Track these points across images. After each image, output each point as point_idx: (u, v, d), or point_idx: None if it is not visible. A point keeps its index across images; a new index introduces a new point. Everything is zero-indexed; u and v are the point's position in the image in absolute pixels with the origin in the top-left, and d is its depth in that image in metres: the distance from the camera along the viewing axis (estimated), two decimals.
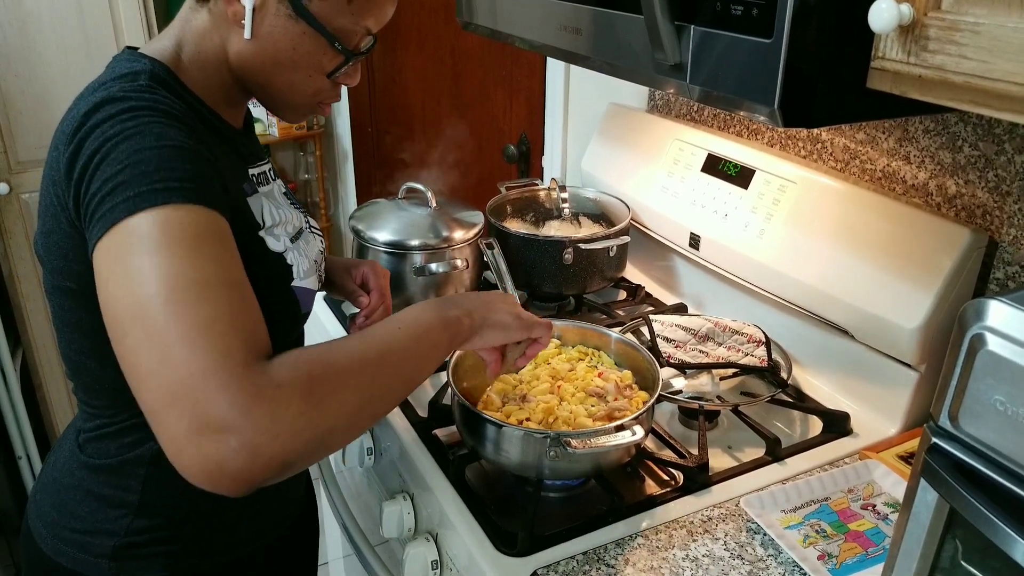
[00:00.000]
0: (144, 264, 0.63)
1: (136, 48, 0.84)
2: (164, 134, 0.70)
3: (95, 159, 0.69)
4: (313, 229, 1.00)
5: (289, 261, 0.86)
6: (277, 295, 0.85)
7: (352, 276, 1.13)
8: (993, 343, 0.54)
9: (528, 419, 0.98)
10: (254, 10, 0.79)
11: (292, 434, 0.60)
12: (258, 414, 0.58)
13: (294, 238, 0.90)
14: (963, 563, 0.61)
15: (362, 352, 0.70)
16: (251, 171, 0.88)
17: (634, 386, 1.05)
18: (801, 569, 0.86)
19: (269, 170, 0.94)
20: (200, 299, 0.62)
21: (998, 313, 0.54)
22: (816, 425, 1.13)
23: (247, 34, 0.80)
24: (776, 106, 0.70)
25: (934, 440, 0.60)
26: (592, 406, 1.00)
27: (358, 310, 1.11)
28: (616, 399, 1.01)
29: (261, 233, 0.84)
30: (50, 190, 0.76)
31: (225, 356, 0.60)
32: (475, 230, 1.33)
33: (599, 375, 1.06)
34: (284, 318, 0.87)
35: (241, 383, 0.59)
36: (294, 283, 0.86)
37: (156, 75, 0.78)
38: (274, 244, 0.85)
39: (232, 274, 0.68)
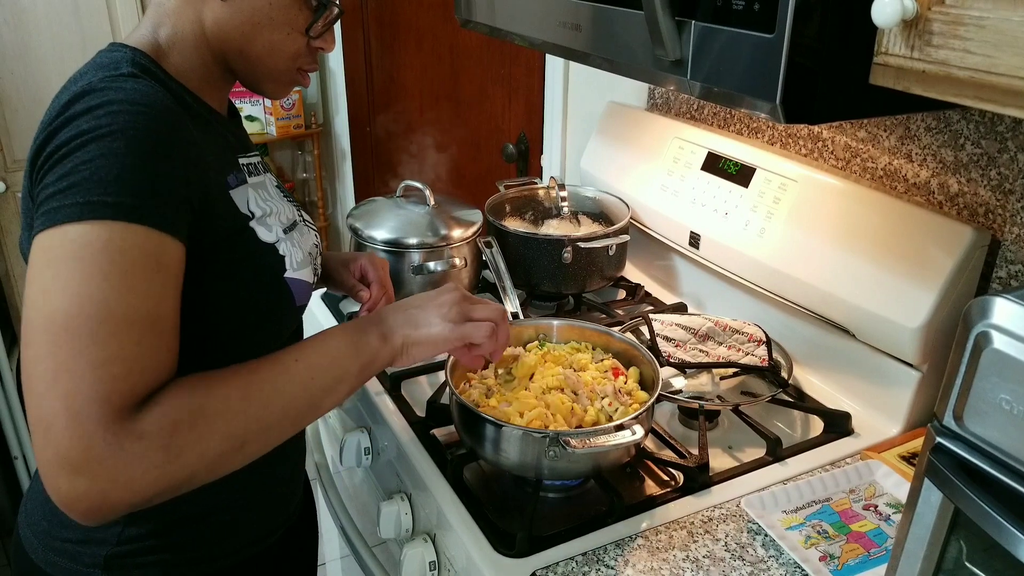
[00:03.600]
0: (72, 278, 0.63)
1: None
2: (138, 137, 0.68)
3: (61, 151, 0.67)
4: (308, 223, 0.98)
5: (281, 252, 0.85)
6: (269, 287, 0.83)
7: (350, 270, 1.11)
8: (999, 341, 0.53)
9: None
10: None
11: (143, 484, 0.62)
12: (111, 464, 0.61)
13: (287, 229, 0.88)
14: (967, 564, 0.60)
15: (243, 392, 0.69)
16: (241, 160, 0.87)
17: (633, 392, 1.03)
18: (803, 570, 0.85)
19: (259, 162, 0.92)
20: (108, 335, 0.63)
21: (1004, 310, 0.53)
22: (817, 425, 1.12)
23: None
24: (778, 102, 0.69)
25: (938, 439, 0.59)
26: (606, 400, 0.99)
27: (359, 306, 1.10)
28: (611, 404, 0.99)
29: (252, 224, 0.82)
30: (24, 183, 0.75)
31: (102, 402, 0.61)
32: (474, 228, 1.33)
33: (614, 371, 1.06)
34: (278, 310, 0.85)
35: (104, 432, 0.61)
36: (287, 274, 0.85)
37: (137, 62, 0.76)
38: (265, 235, 0.83)
39: (156, 310, 0.67)
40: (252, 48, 0.83)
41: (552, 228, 1.48)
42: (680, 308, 1.41)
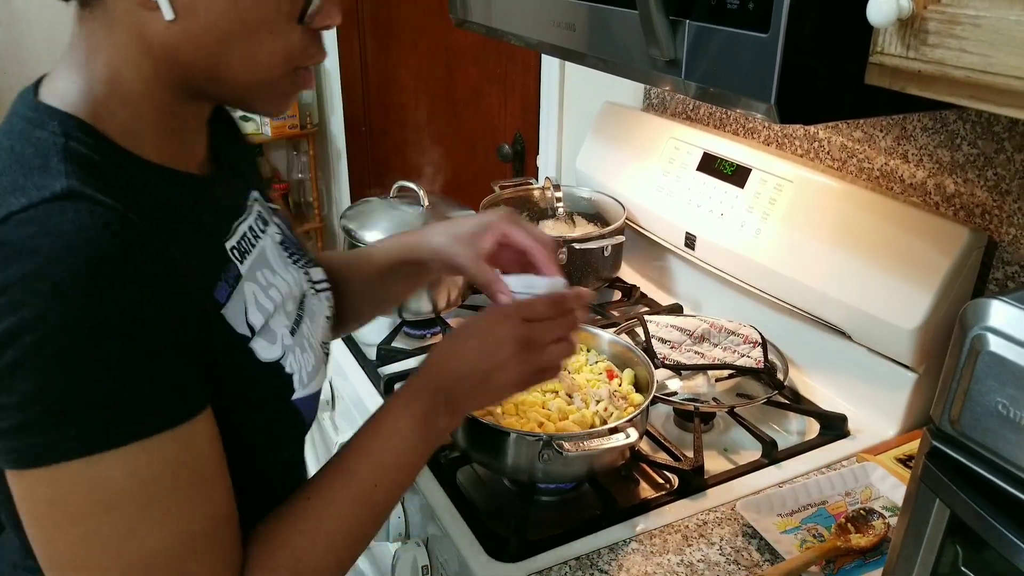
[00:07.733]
0: (115, 532, 0.53)
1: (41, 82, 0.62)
2: (105, 321, 0.50)
3: (9, 351, 0.49)
4: (318, 285, 0.81)
5: (288, 369, 0.68)
6: (273, 416, 0.69)
7: (482, 245, 0.80)
8: (995, 344, 0.53)
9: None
10: None
11: None
12: None
13: (295, 326, 0.72)
14: (963, 569, 0.59)
15: (330, 541, 0.66)
16: (229, 244, 0.67)
17: (628, 396, 1.03)
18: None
19: (257, 219, 0.73)
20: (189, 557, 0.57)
21: (1000, 313, 0.53)
22: (813, 427, 1.11)
23: (167, 13, 0.56)
24: (773, 102, 0.69)
25: (934, 443, 0.58)
26: (601, 403, 0.98)
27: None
28: (607, 409, 0.98)
29: (251, 343, 0.65)
30: None
31: None
32: None
33: (609, 373, 1.05)
34: (282, 440, 0.72)
35: None
36: (295, 396, 0.69)
37: (73, 152, 0.55)
38: (266, 351, 0.66)
39: (219, 509, 0.59)
40: (228, 69, 0.61)
41: (547, 229, 1.47)
42: (675, 309, 1.40)
